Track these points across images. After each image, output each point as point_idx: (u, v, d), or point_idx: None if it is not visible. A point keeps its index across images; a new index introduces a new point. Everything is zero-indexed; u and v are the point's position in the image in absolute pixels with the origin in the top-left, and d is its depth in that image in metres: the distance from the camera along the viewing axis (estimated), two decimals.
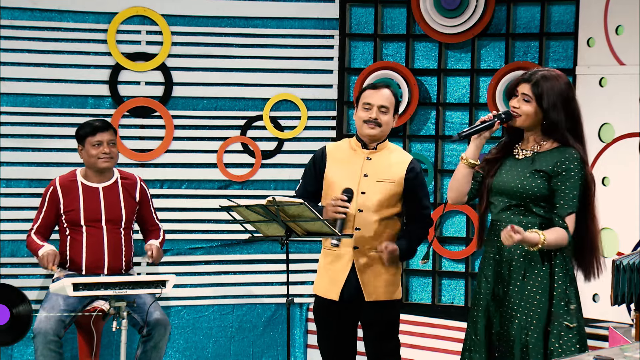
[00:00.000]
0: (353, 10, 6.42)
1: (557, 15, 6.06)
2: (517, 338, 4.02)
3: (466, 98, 6.26)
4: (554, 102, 4.01)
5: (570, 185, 3.98)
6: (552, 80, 4.03)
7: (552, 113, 4.01)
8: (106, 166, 5.47)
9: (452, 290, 6.31)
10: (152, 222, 5.70)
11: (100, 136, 5.45)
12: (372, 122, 4.79)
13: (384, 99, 4.80)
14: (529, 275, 4.04)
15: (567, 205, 3.98)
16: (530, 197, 4.02)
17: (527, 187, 4.03)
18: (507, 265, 4.08)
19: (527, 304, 4.03)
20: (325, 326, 4.92)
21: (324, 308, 4.89)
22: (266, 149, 6.38)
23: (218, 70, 6.29)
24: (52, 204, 5.48)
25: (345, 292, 4.78)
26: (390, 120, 4.84)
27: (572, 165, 3.99)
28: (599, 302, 5.69)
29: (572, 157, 4.00)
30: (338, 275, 4.81)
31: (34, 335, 5.21)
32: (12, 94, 6.02)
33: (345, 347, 4.91)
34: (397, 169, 4.81)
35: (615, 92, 5.70)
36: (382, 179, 4.78)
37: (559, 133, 4.03)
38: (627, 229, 5.61)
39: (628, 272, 4.32)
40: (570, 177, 3.98)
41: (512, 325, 4.05)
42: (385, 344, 4.86)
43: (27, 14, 6.03)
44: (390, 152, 4.88)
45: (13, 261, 6.02)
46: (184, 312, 6.31)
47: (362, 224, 4.77)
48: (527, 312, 4.02)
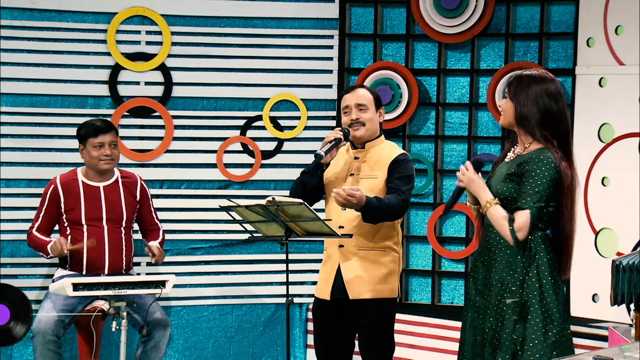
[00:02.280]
0: (353, 10, 6.42)
1: (556, 15, 6.06)
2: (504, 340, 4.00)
3: (466, 98, 6.27)
4: (525, 96, 4.02)
5: (531, 183, 3.96)
6: (528, 78, 4.05)
7: (521, 106, 4.02)
8: (107, 168, 5.48)
9: (451, 290, 6.31)
10: (152, 221, 5.70)
11: (102, 138, 5.44)
12: (355, 123, 4.83)
13: (358, 97, 4.84)
14: (508, 278, 4.02)
15: (523, 201, 3.97)
16: (503, 200, 4.03)
17: (499, 190, 4.04)
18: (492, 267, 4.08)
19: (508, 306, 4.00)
20: (320, 326, 4.92)
21: (319, 308, 4.91)
22: (266, 149, 6.38)
23: (218, 70, 6.29)
24: (53, 203, 5.48)
25: (334, 291, 4.80)
26: (374, 116, 4.85)
27: (537, 166, 3.96)
28: (598, 302, 5.69)
29: (541, 157, 3.97)
30: (328, 275, 4.84)
31: (33, 335, 5.21)
32: (12, 94, 6.02)
33: (339, 348, 4.89)
34: (382, 164, 4.81)
35: (614, 92, 5.70)
36: (366, 176, 4.81)
37: (530, 127, 4.01)
38: (626, 229, 5.61)
39: (628, 272, 4.32)
40: (533, 175, 3.96)
41: (496, 329, 4.03)
42: (375, 346, 4.82)
43: (26, 14, 6.03)
44: (381, 149, 4.87)
45: (13, 261, 6.02)
46: (183, 312, 6.31)
47: (345, 221, 4.78)
48: (510, 315, 3.99)
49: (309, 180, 4.85)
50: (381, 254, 4.81)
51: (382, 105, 4.95)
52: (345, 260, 4.79)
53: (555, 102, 4.03)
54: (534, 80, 4.05)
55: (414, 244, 6.39)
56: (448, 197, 4.23)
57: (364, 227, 4.75)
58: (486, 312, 4.06)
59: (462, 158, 6.25)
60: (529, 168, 3.97)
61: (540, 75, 4.07)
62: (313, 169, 4.83)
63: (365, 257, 4.78)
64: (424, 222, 6.31)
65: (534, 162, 3.96)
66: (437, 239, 6.28)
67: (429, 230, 6.26)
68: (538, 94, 4.02)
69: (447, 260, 6.32)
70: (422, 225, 6.32)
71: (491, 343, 4.02)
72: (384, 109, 4.95)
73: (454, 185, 6.25)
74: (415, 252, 6.36)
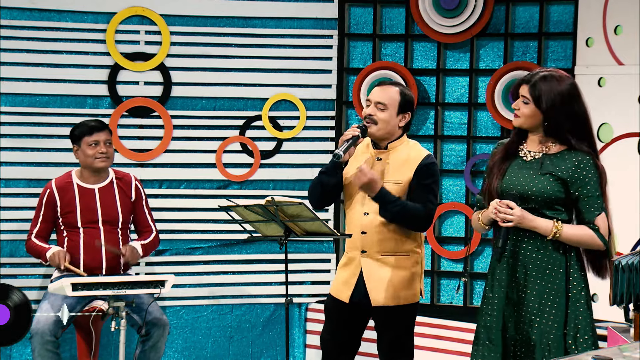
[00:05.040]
0: (352, 10, 6.42)
1: (556, 15, 6.06)
2: (538, 342, 4.00)
3: (465, 98, 6.27)
4: (552, 104, 3.98)
5: (591, 189, 3.99)
6: (551, 82, 4.00)
7: (551, 115, 3.99)
8: (103, 166, 5.47)
9: (450, 290, 6.31)
10: (146, 223, 5.65)
11: (97, 136, 5.44)
12: (367, 118, 4.69)
13: (381, 95, 4.67)
14: (545, 279, 4.03)
15: (593, 208, 4.00)
16: (545, 200, 4.00)
17: (542, 189, 4.00)
18: (523, 269, 4.05)
19: (545, 307, 4.02)
20: (334, 324, 4.86)
21: (335, 308, 4.83)
22: (265, 148, 6.37)
23: (217, 70, 6.29)
24: (49, 207, 5.47)
25: (355, 295, 4.73)
26: (391, 118, 4.67)
27: (587, 169, 3.99)
28: (597, 302, 5.69)
29: (585, 160, 3.99)
30: (349, 279, 4.75)
31: (32, 335, 5.21)
32: (11, 93, 6.02)
33: (347, 347, 4.86)
34: (406, 170, 4.67)
35: (614, 92, 5.70)
36: (389, 180, 4.66)
37: (562, 134, 4.02)
38: (626, 229, 5.61)
39: (627, 272, 4.32)
40: (589, 180, 3.99)
41: (532, 330, 4.02)
42: (396, 352, 4.78)
43: (25, 14, 6.03)
44: (404, 151, 4.72)
45: (12, 261, 6.02)
46: (182, 312, 6.31)
47: (368, 227, 4.69)
48: (547, 317, 4.01)
49: (328, 180, 4.69)
50: (404, 258, 4.72)
51: (411, 111, 4.74)
52: (367, 266, 4.70)
53: (579, 103, 4.03)
54: (557, 82, 4.00)
55: None
56: (499, 241, 4.09)
57: (388, 233, 4.66)
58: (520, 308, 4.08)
59: (462, 158, 6.25)
60: (584, 173, 3.99)
61: (560, 77, 4.02)
62: (332, 168, 4.68)
63: (388, 262, 4.69)
64: None
65: (585, 166, 3.99)
66: (437, 239, 6.28)
67: (429, 230, 6.25)
68: (564, 100, 3.99)
69: (447, 260, 6.32)
70: None
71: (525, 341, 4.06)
72: (409, 114, 4.72)
73: (454, 185, 6.31)
74: None
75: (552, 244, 4.02)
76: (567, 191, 4.01)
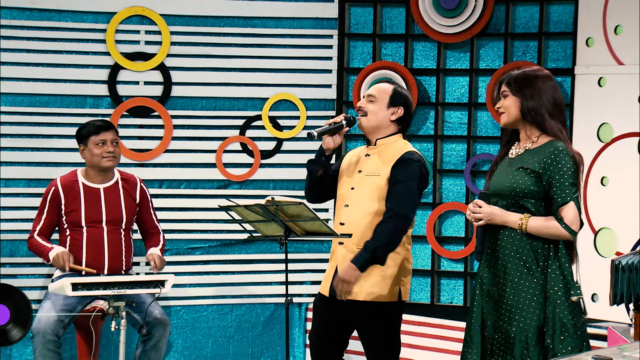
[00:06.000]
0: (352, 10, 6.42)
1: (556, 15, 6.06)
2: (518, 338, 4.03)
3: (465, 98, 6.27)
4: (530, 90, 4.07)
5: (560, 178, 4.00)
6: (525, 72, 4.11)
7: (528, 99, 4.07)
8: (110, 165, 5.47)
9: (451, 290, 6.31)
10: (152, 224, 5.68)
11: (104, 135, 5.45)
12: (359, 110, 4.75)
13: (372, 89, 4.76)
14: (524, 277, 4.04)
15: (560, 198, 4.00)
16: (518, 194, 4.04)
17: (513, 184, 4.05)
18: (502, 268, 4.10)
19: (524, 304, 4.03)
20: (316, 320, 4.84)
21: (320, 303, 4.83)
22: (265, 148, 6.38)
23: (217, 70, 6.29)
24: (54, 205, 5.47)
25: (332, 288, 4.68)
26: (379, 111, 4.69)
27: (560, 158, 4.00)
28: (597, 302, 5.69)
29: (559, 149, 4.02)
30: (329, 271, 4.77)
31: (33, 335, 5.21)
32: (11, 93, 6.02)
33: (331, 344, 4.81)
34: (387, 162, 4.67)
35: (614, 91, 5.70)
36: (370, 173, 4.68)
37: (540, 118, 4.05)
38: (625, 229, 5.61)
39: (627, 272, 4.32)
40: (560, 169, 4.00)
41: (511, 327, 4.05)
42: (376, 352, 4.71)
43: (25, 14, 6.03)
44: (391, 147, 4.72)
45: (12, 261, 6.02)
46: (183, 311, 6.31)
47: (347, 219, 4.68)
48: (526, 314, 4.03)
49: (313, 167, 4.75)
50: None
51: (404, 106, 4.72)
52: (343, 257, 4.67)
53: (557, 92, 4.11)
54: (534, 74, 4.10)
55: (413, 244, 6.35)
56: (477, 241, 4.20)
57: (365, 225, 4.62)
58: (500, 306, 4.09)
59: (462, 158, 6.25)
60: (555, 162, 4.00)
61: (537, 70, 4.14)
62: (317, 155, 4.75)
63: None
64: (423, 221, 6.31)
65: (557, 156, 4.00)
66: (437, 239, 6.28)
67: (428, 230, 6.26)
68: (543, 86, 4.08)
69: (447, 260, 6.32)
70: (422, 225, 6.32)
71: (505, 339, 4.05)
72: (402, 110, 4.72)
73: (454, 185, 6.32)
74: (414, 251, 6.35)
75: (529, 241, 4.03)
76: (540, 183, 4.03)
